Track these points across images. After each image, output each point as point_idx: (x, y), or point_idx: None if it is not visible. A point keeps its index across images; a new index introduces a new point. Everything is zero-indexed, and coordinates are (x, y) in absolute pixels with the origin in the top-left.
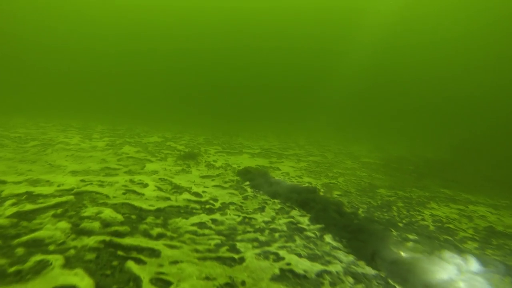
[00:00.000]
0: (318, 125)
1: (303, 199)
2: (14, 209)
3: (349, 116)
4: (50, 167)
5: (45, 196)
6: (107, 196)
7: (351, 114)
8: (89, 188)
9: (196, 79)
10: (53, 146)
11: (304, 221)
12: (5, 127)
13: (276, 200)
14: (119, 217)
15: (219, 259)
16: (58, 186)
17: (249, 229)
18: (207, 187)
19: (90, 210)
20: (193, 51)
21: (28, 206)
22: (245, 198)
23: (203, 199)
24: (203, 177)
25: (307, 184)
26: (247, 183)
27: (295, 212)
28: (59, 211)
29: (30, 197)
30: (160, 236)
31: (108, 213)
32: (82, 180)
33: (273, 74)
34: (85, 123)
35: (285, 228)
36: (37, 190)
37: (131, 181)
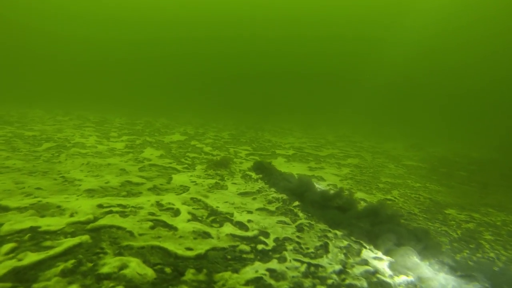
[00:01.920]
0: (343, 118)
1: (370, 229)
2: (10, 264)
3: (374, 109)
4: (62, 182)
5: (54, 235)
6: (131, 234)
7: (377, 107)
8: (108, 220)
9: (214, 68)
10: (68, 150)
11: (384, 269)
12: (23, 121)
13: (338, 232)
14: (150, 272)
15: None
16: (71, 215)
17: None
18: (251, 212)
19: (110, 262)
20: (214, 40)
21: (30, 257)
22: (300, 229)
23: (250, 233)
24: (242, 194)
25: (362, 203)
26: (296, 203)
27: (367, 253)
28: (69, 264)
29: (35, 236)
30: None
31: (134, 267)
32: (100, 206)
33: (297, 63)
34: (102, 116)
35: (365, 285)
36: (45, 223)
37: (159, 204)
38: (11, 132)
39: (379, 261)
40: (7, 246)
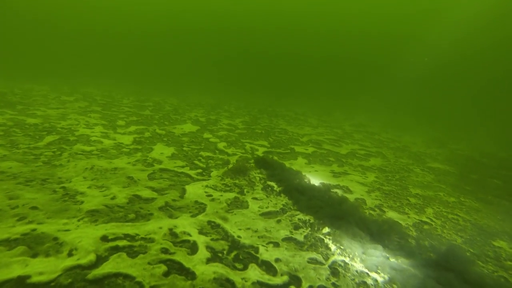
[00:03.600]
0: (360, 104)
1: (425, 278)
2: None
3: (395, 98)
4: (62, 197)
5: None
6: (141, 286)
7: (401, 97)
8: (113, 263)
9: (227, 45)
10: (71, 146)
11: None
12: (26, 102)
13: (377, 278)
14: None
15: None
16: (69, 254)
17: None
18: (277, 245)
19: None
20: (230, 14)
21: None
22: (335, 272)
23: (279, 280)
24: (265, 215)
25: (398, 226)
26: (326, 229)
27: None
28: None
29: None
30: None
31: None
32: (104, 238)
33: (319, 46)
34: (109, 95)
35: None
36: (36, 269)
37: (172, 233)
38: (11, 120)
39: None
40: None
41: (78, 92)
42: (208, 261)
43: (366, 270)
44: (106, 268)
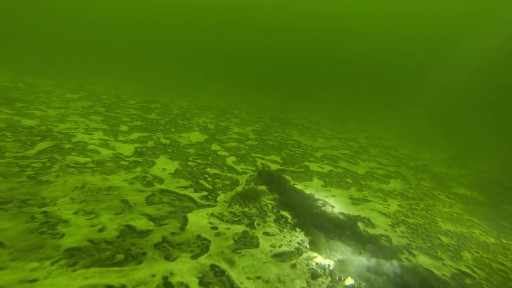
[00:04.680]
0: (373, 112)
1: None
2: None
3: (414, 109)
4: (39, 228)
5: None
6: None
7: (420, 107)
8: None
9: (241, 44)
10: (64, 156)
11: None
12: (27, 99)
13: None
14: None
15: None
16: None
17: None
18: None
19: None
20: (242, 9)
21: None
22: None
23: None
24: (277, 257)
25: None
26: (349, 280)
27: None
28: None
29: None
30: None
31: None
32: None
33: (338, 48)
34: (116, 93)
35: None
36: None
37: (167, 284)
38: (6, 121)
39: None
40: None
41: (84, 89)
42: None
43: None
44: None
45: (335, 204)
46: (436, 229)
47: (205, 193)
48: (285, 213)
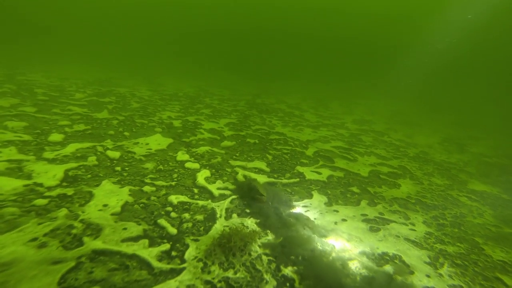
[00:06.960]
0: (355, 92)
1: None
2: None
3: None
4: None
5: None
6: None
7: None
8: None
9: (210, 22)
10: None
11: None
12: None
13: None
14: None
15: None
16: None
17: None
18: None
19: None
20: None
21: None
22: None
23: None
24: None
25: None
26: None
27: None
28: None
29: None
30: None
31: None
32: None
33: (310, 24)
34: (59, 86)
35: None
36: None
37: None
38: None
39: None
40: None
41: (14, 81)
42: None
43: None
44: None
45: (350, 237)
46: (484, 259)
47: (166, 245)
48: (288, 272)
